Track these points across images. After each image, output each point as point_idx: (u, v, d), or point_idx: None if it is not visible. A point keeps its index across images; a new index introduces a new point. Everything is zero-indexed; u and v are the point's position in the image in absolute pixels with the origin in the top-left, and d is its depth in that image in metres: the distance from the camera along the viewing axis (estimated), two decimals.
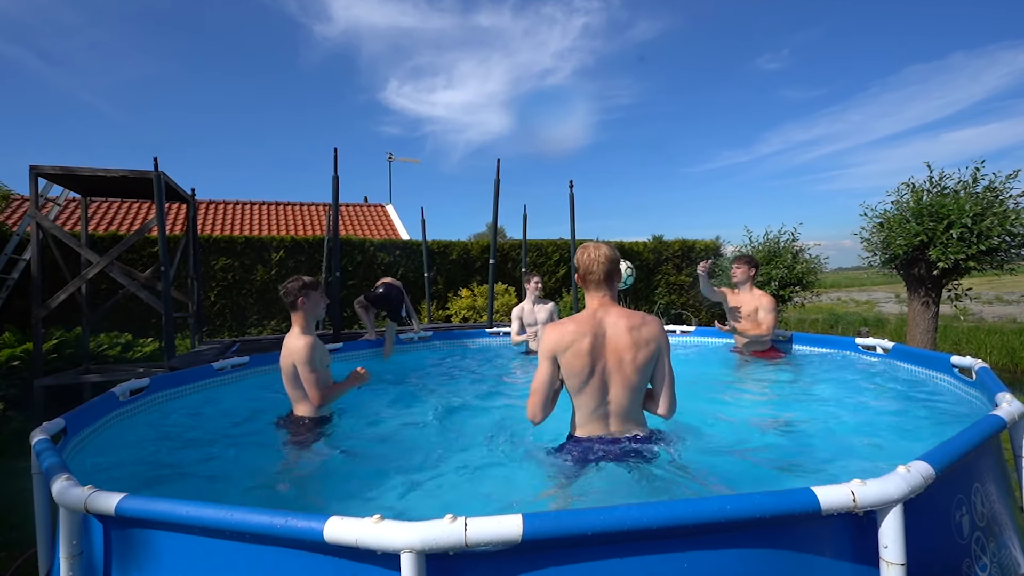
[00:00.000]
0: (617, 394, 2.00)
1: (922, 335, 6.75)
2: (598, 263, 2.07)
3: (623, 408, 2.02)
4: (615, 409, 2.02)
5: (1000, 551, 1.65)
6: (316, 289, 2.85)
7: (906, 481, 1.25)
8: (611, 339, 2.00)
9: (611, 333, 2.00)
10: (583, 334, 1.99)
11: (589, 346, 1.98)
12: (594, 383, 2.00)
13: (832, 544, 1.27)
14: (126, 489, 1.39)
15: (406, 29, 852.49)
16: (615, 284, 2.12)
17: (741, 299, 4.46)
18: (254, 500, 2.18)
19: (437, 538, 1.08)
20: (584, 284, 2.13)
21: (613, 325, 2.01)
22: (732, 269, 4.55)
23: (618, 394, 2.00)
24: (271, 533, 1.19)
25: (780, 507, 1.18)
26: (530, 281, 5.18)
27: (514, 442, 2.53)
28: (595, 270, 2.08)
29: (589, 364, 1.98)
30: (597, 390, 2.01)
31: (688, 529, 1.16)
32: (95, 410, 2.64)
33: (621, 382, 1.99)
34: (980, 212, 5.97)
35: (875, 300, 21.69)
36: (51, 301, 5.47)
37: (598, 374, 1.99)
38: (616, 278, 2.11)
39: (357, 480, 2.27)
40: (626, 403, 2.01)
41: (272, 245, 10.21)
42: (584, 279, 2.12)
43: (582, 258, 2.11)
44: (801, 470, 2.21)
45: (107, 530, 1.44)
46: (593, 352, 1.98)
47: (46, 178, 5.75)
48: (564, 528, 1.13)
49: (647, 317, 2.05)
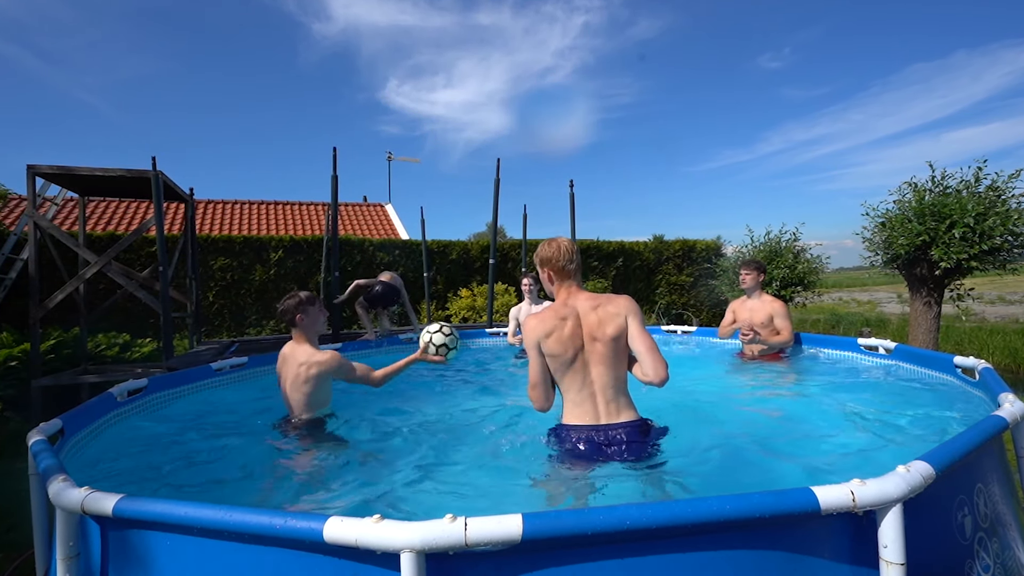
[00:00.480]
0: (599, 372, 2.10)
1: (924, 335, 6.75)
2: (565, 256, 2.20)
3: (607, 386, 2.10)
4: (599, 388, 2.10)
5: (1004, 552, 1.65)
6: (314, 304, 2.83)
7: (906, 481, 1.26)
8: (584, 319, 2.12)
9: (583, 313, 2.13)
10: (563, 318, 2.12)
11: (569, 329, 2.10)
12: (577, 365, 2.10)
13: (831, 544, 1.27)
14: (124, 490, 1.40)
15: (405, 27, 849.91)
16: (579, 272, 2.26)
17: (751, 306, 4.36)
18: (253, 500, 2.18)
19: (437, 538, 1.09)
20: (557, 276, 2.23)
21: (583, 306, 2.15)
22: (741, 276, 4.45)
23: (600, 372, 2.10)
24: (270, 534, 1.19)
25: (779, 507, 1.18)
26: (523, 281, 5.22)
27: (514, 442, 2.54)
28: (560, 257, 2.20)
29: (570, 347, 2.09)
30: (579, 371, 2.11)
31: (688, 529, 1.17)
32: (93, 411, 2.64)
33: (598, 358, 2.09)
34: (983, 212, 5.97)
35: (877, 300, 21.70)
36: (49, 301, 5.47)
37: (579, 355, 2.10)
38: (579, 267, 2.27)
39: (356, 480, 2.27)
40: (609, 380, 2.10)
41: (271, 245, 10.21)
42: (554, 271, 2.22)
43: (547, 252, 2.22)
44: (801, 470, 2.21)
45: (104, 531, 1.44)
46: (572, 336, 2.10)
47: (44, 177, 5.76)
48: (564, 528, 1.13)
49: (612, 296, 2.18)
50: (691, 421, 2.79)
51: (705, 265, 12.64)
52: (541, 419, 2.78)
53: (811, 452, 2.44)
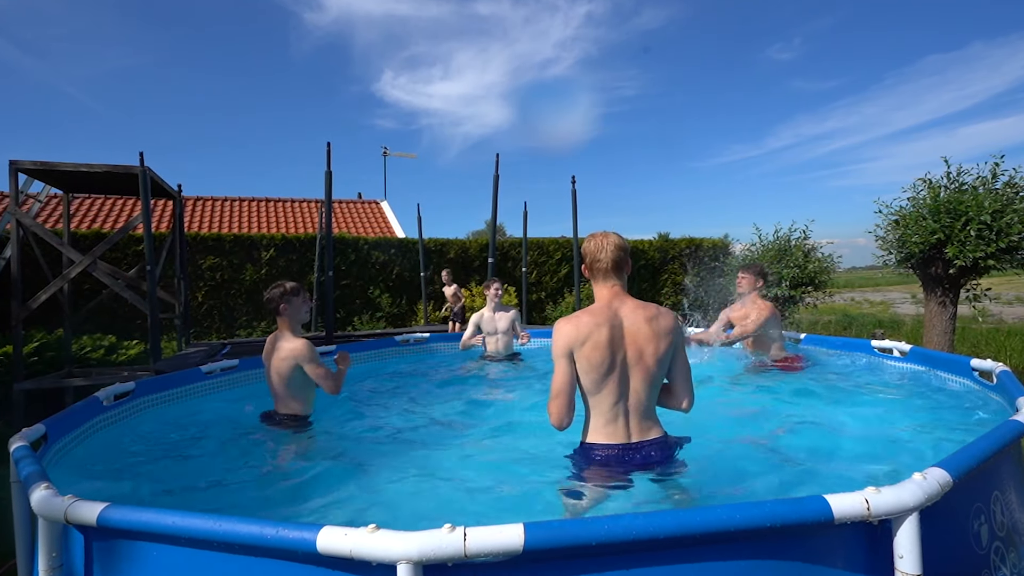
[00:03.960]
0: (637, 388, 1.97)
1: (939, 337, 6.75)
2: (606, 251, 2.05)
3: (642, 404, 1.99)
4: (634, 405, 1.98)
5: (1021, 562, 1.65)
6: (298, 295, 3.02)
7: (922, 489, 1.25)
8: (629, 330, 1.97)
9: (629, 323, 1.98)
10: (600, 325, 1.96)
11: (608, 337, 1.94)
12: (614, 377, 1.96)
13: (845, 554, 1.27)
14: (109, 498, 1.39)
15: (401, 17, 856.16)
16: (625, 274, 2.10)
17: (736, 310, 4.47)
18: (244, 509, 2.18)
19: (435, 548, 1.08)
20: (592, 274, 2.10)
21: (630, 315, 1.99)
22: (738, 279, 4.46)
23: (638, 388, 1.97)
24: (262, 544, 1.18)
25: (791, 515, 1.18)
26: (489, 287, 5.16)
27: (516, 447, 2.54)
28: (602, 258, 2.05)
29: (609, 356, 1.94)
30: (617, 384, 1.96)
31: (696, 539, 1.16)
32: (77, 416, 2.64)
33: (642, 375, 1.96)
34: (999, 209, 5.96)
35: (890, 301, 21.70)
36: (32, 302, 5.47)
37: (618, 367, 1.95)
38: (626, 268, 2.10)
39: (351, 487, 2.27)
40: (645, 398, 1.99)
41: (262, 243, 10.21)
42: (591, 268, 2.09)
43: (589, 246, 2.10)
44: (813, 477, 2.21)
45: (88, 541, 1.43)
46: (612, 343, 1.95)
47: (26, 173, 5.75)
48: (567, 538, 1.12)
49: (662, 309, 2.04)
50: (701, 428, 2.78)
51: (712, 264, 12.65)
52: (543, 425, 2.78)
53: (824, 459, 2.44)
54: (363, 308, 10.78)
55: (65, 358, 6.21)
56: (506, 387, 4.23)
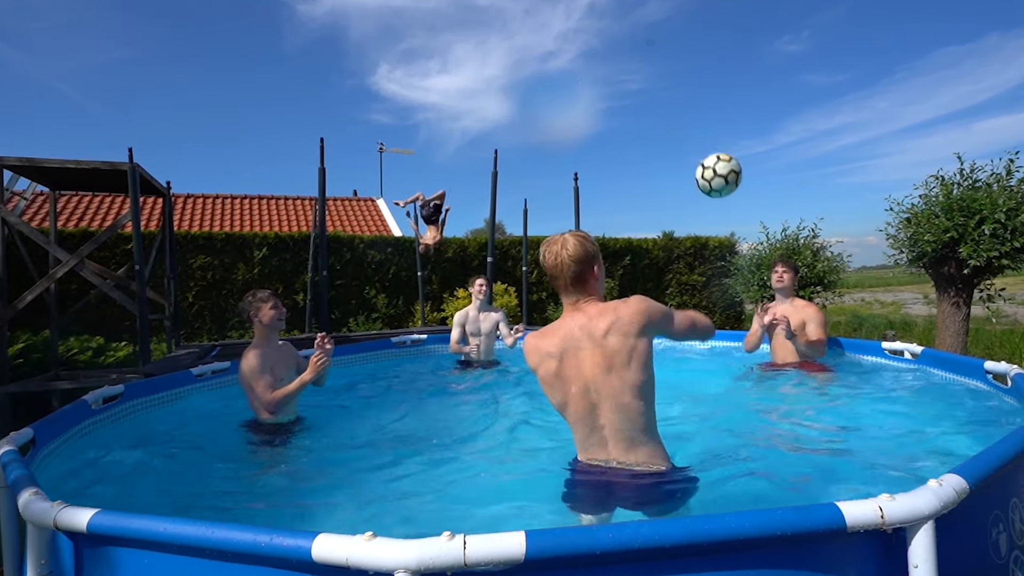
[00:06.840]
0: (610, 417, 1.77)
1: (952, 338, 6.74)
2: (561, 267, 1.83)
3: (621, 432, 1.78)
4: (611, 434, 1.79)
5: None
6: (267, 302, 3.12)
7: (938, 496, 1.25)
8: (585, 353, 1.79)
9: (584, 345, 1.79)
10: (549, 354, 1.82)
11: (555, 367, 1.80)
12: (576, 407, 1.81)
13: (858, 563, 1.26)
14: (99, 504, 1.39)
15: (397, 8, 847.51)
16: (591, 282, 1.86)
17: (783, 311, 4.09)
18: (237, 516, 2.18)
19: (434, 557, 1.08)
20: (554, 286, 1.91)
21: (584, 331, 1.80)
22: (777, 273, 4.25)
23: (611, 417, 1.77)
24: (255, 552, 1.18)
25: (802, 524, 1.17)
26: (474, 283, 4.86)
27: (516, 454, 2.54)
28: (558, 275, 1.85)
29: (562, 387, 1.81)
30: (585, 415, 1.80)
31: (704, 547, 1.16)
32: (65, 419, 2.64)
33: (610, 402, 1.76)
34: (1015, 207, 5.96)
35: (901, 301, 21.68)
36: (17, 302, 5.47)
37: (579, 396, 1.79)
38: (590, 277, 1.86)
39: (347, 494, 2.27)
40: (623, 424, 1.77)
41: (254, 242, 10.21)
42: (552, 281, 1.89)
43: (544, 260, 1.86)
44: (825, 484, 2.21)
45: (78, 548, 1.43)
46: (563, 372, 1.80)
47: (11, 170, 5.76)
48: (571, 546, 1.12)
49: (620, 306, 1.80)
50: (709, 433, 2.79)
51: (718, 263, 12.64)
52: (545, 431, 2.77)
53: (835, 465, 2.43)
54: (359, 309, 10.78)
55: (52, 360, 6.21)
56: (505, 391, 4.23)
